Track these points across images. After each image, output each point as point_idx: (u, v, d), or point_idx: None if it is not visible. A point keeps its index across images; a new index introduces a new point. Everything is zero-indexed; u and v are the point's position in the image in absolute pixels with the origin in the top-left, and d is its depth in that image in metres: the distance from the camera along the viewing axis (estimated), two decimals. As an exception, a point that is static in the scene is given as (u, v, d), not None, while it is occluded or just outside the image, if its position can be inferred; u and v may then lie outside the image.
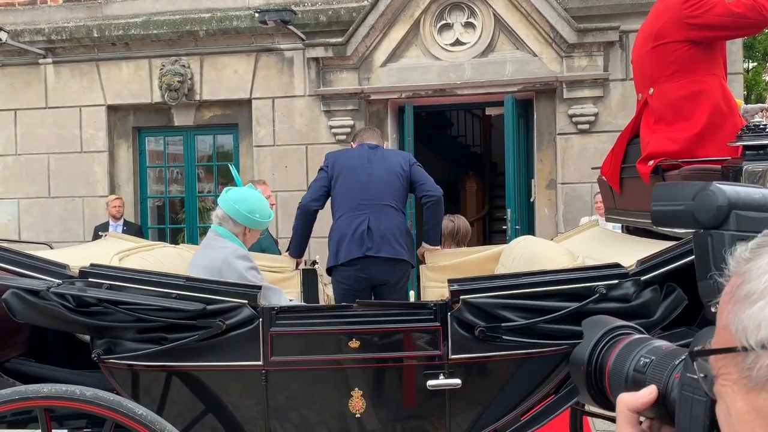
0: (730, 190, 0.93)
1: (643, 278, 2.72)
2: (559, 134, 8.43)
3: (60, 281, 2.72)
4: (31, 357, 3.20)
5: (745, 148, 2.67)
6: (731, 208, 0.91)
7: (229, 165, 4.38)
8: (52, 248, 3.65)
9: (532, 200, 8.88)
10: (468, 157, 14.42)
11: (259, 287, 2.82)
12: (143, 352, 2.71)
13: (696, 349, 0.69)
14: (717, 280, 0.67)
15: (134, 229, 8.34)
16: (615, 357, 0.95)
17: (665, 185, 1.65)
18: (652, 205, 1.06)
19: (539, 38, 8.29)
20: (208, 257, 3.29)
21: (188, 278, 2.81)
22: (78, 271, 2.76)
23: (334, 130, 8.78)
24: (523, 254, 3.59)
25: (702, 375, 0.68)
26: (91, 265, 2.76)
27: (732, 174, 2.70)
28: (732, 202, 0.91)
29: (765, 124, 2.67)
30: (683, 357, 0.76)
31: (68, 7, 9.39)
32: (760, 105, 3.33)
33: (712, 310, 0.68)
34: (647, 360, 0.89)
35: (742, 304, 0.62)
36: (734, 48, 8.12)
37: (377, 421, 2.83)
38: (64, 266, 2.79)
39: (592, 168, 3.86)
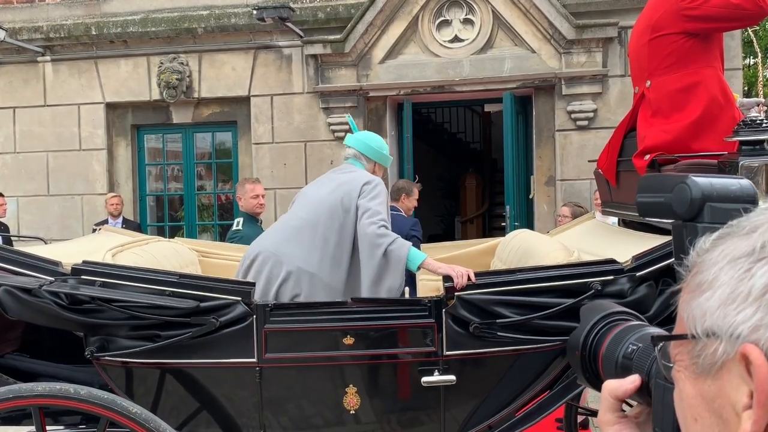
0: (704, 182, 0.94)
1: (638, 274, 2.71)
2: (558, 131, 8.41)
3: (53, 279, 2.71)
4: (25, 352, 3.19)
5: (742, 143, 2.66)
6: (705, 201, 0.93)
7: (347, 116, 4.22)
8: (46, 243, 3.63)
9: (531, 197, 8.86)
10: (468, 153, 14.40)
11: (253, 284, 2.81)
12: (137, 349, 2.70)
13: (655, 334, 0.71)
14: (677, 270, 0.69)
15: (133, 227, 8.31)
16: (608, 343, 0.96)
17: (651, 176, 1.64)
18: (638, 196, 1.07)
19: (538, 35, 8.27)
20: (351, 179, 3.23)
21: (182, 275, 2.80)
22: (71, 268, 2.75)
23: (332, 127, 8.76)
24: (519, 248, 3.58)
25: (664, 361, 0.70)
26: (84, 262, 2.75)
27: (728, 169, 2.69)
28: (706, 194, 0.93)
29: (762, 119, 2.66)
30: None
31: (66, 5, 9.37)
32: (756, 99, 3.31)
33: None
34: (635, 347, 0.90)
35: (693, 294, 0.64)
36: (733, 44, 8.10)
37: (372, 417, 2.82)
38: (57, 263, 2.78)
39: (589, 161, 3.84)
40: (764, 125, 2.62)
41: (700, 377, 0.63)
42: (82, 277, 2.72)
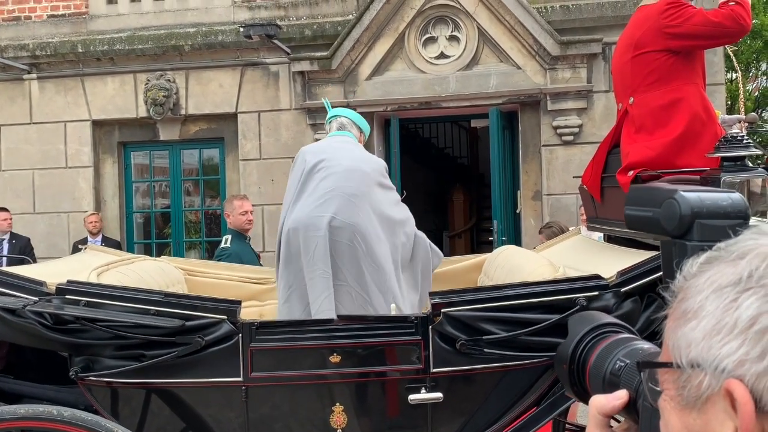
0: (694, 198, 0.91)
1: (623, 289, 2.72)
2: (543, 146, 8.46)
3: (37, 299, 2.69)
4: (9, 374, 3.16)
5: (723, 159, 2.69)
6: (695, 218, 0.89)
7: (324, 99, 4.47)
8: (30, 263, 3.61)
9: (518, 211, 8.90)
10: (455, 168, 14.45)
11: (239, 302, 2.80)
12: (122, 369, 2.68)
13: (642, 360, 0.69)
14: (661, 294, 0.67)
15: (112, 245, 8.28)
16: (596, 357, 0.93)
17: (640, 188, 1.64)
18: (626, 208, 1.05)
19: (523, 51, 8.33)
20: (370, 157, 3.58)
21: (167, 294, 2.79)
22: (55, 288, 2.73)
23: (320, 144, 8.77)
24: (506, 264, 3.59)
25: (651, 385, 0.68)
26: (68, 281, 2.74)
27: (711, 185, 2.71)
28: (695, 211, 0.89)
29: (742, 136, 2.69)
30: None
31: (53, 23, 9.37)
32: (737, 116, 3.35)
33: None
34: (622, 364, 0.88)
35: (679, 322, 0.62)
36: (716, 59, 8.19)
37: (359, 436, 2.81)
38: (41, 283, 2.76)
39: (574, 177, 3.86)
40: (745, 141, 2.65)
41: (685, 409, 0.61)
42: (67, 296, 2.71)
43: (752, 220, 2.59)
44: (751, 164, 2.70)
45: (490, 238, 9.33)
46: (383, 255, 3.28)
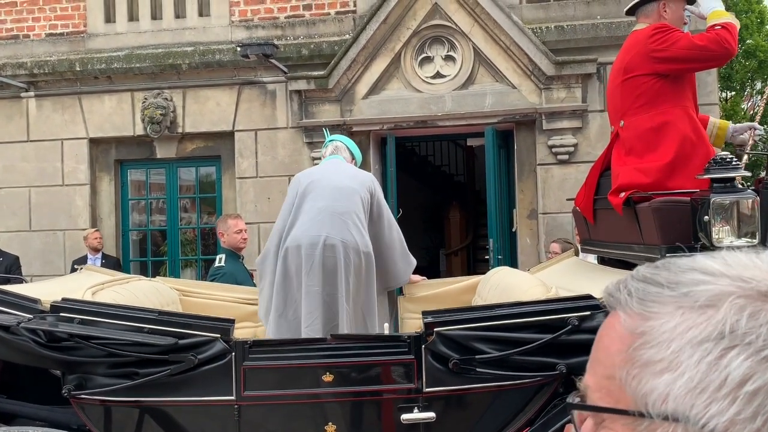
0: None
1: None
2: (539, 165, 8.50)
3: (31, 316, 2.71)
4: (2, 393, 3.16)
5: (713, 180, 2.72)
6: None
7: (324, 129, 4.92)
8: (26, 282, 3.62)
9: (514, 230, 8.92)
10: (452, 186, 14.49)
11: (232, 320, 2.81)
12: (114, 387, 2.69)
13: (576, 401, 0.66)
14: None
15: (113, 262, 8.28)
16: None
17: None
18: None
19: (518, 71, 8.40)
20: (358, 173, 3.85)
21: (160, 312, 2.80)
22: (49, 305, 2.74)
23: (316, 162, 8.79)
24: (499, 285, 3.61)
25: (576, 400, 0.66)
26: (63, 299, 2.75)
27: (701, 206, 2.74)
28: None
29: (731, 158, 2.72)
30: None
31: (51, 41, 9.42)
32: (748, 124, 3.38)
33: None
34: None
35: (644, 369, 0.60)
36: (710, 79, 8.25)
37: (352, 456, 2.81)
38: (36, 301, 2.77)
39: (567, 199, 3.89)
40: (734, 163, 2.68)
41: None
42: (61, 314, 2.72)
43: (742, 241, 2.62)
44: (740, 185, 2.74)
45: (486, 257, 9.34)
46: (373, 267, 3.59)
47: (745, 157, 3.38)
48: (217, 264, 5.48)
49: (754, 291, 0.59)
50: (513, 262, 8.42)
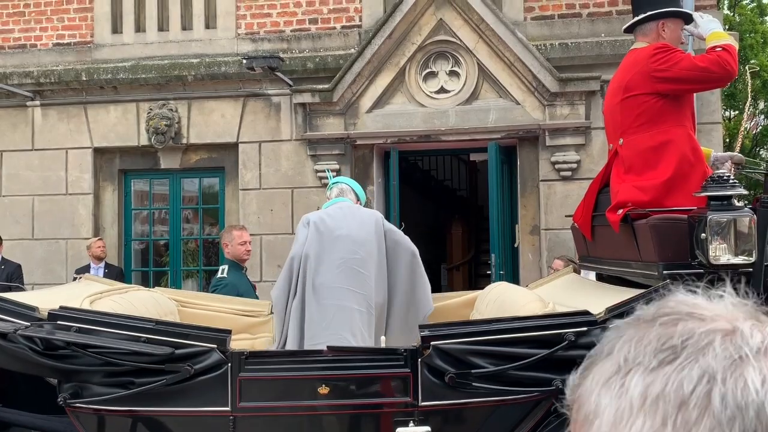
0: None
1: (611, 325, 2.73)
2: (542, 181, 8.51)
3: (28, 323, 2.71)
4: (-1, 401, 3.16)
5: (710, 198, 2.72)
6: None
7: (326, 170, 5.14)
8: (25, 290, 3.63)
9: (516, 246, 8.91)
10: (455, 200, 14.49)
11: (229, 331, 2.81)
12: (110, 396, 2.69)
13: None
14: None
15: (115, 272, 8.29)
16: None
17: None
18: None
19: (522, 87, 8.42)
20: (366, 214, 4.05)
21: (158, 322, 2.81)
22: (47, 313, 2.75)
23: (319, 174, 8.82)
24: (496, 300, 3.61)
25: None
26: (60, 307, 2.76)
27: (698, 224, 2.74)
28: None
29: (728, 176, 2.73)
30: None
31: (58, 51, 9.49)
32: (729, 153, 3.39)
33: None
34: None
35: (583, 426, 0.65)
36: (713, 98, 8.27)
37: (346, 469, 2.80)
38: (33, 308, 2.78)
39: (566, 216, 3.90)
40: (731, 181, 2.69)
41: None
42: (58, 322, 2.73)
43: (739, 259, 2.61)
44: (737, 203, 2.74)
45: (488, 272, 9.33)
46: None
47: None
48: (219, 275, 5.49)
49: (641, 321, 0.66)
50: (515, 278, 8.41)
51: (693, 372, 0.60)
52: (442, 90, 8.62)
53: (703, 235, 2.66)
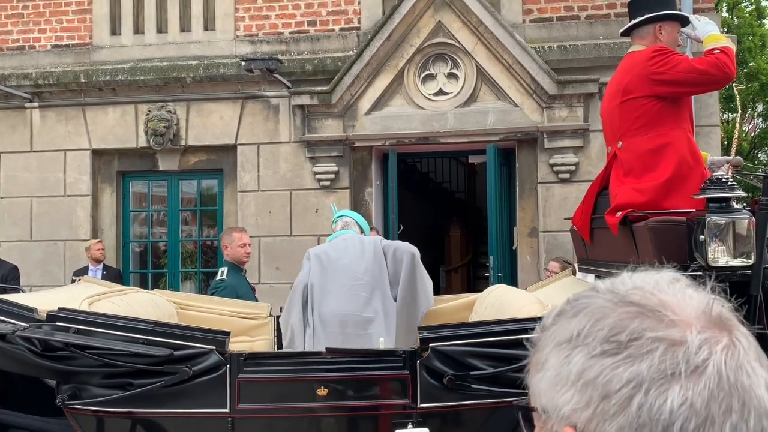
0: None
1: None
2: (540, 183, 8.52)
3: (27, 325, 2.71)
4: (-3, 403, 3.16)
5: (709, 200, 2.73)
6: None
7: (331, 205, 5.33)
8: (22, 291, 3.63)
9: (514, 248, 8.91)
10: (453, 202, 14.49)
11: (228, 333, 2.81)
12: (109, 398, 2.69)
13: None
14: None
15: (114, 274, 8.28)
16: None
17: None
18: None
19: (520, 89, 8.43)
20: (367, 242, 4.16)
21: (156, 323, 2.81)
22: (46, 314, 2.75)
23: (318, 176, 8.83)
24: (495, 303, 3.61)
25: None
26: (59, 309, 2.76)
27: (696, 226, 2.75)
28: None
29: (727, 178, 2.73)
30: None
31: (56, 53, 9.48)
32: (725, 157, 3.40)
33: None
34: None
35: (534, 370, 0.71)
36: (711, 101, 8.29)
37: (345, 471, 2.80)
38: (32, 310, 2.78)
39: (565, 218, 3.90)
40: (730, 183, 2.69)
41: None
42: (57, 323, 2.72)
43: (737, 261, 2.61)
44: (736, 205, 2.74)
45: (487, 274, 9.33)
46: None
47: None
48: (219, 277, 5.47)
49: (612, 295, 0.69)
50: (513, 280, 8.41)
51: (625, 374, 0.63)
52: (441, 92, 8.63)
53: (702, 237, 2.66)
